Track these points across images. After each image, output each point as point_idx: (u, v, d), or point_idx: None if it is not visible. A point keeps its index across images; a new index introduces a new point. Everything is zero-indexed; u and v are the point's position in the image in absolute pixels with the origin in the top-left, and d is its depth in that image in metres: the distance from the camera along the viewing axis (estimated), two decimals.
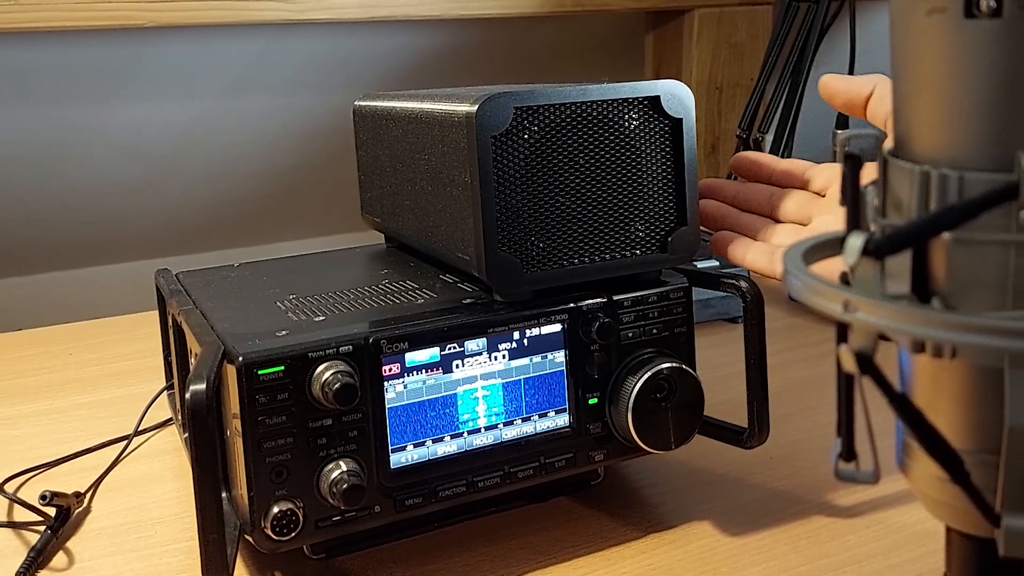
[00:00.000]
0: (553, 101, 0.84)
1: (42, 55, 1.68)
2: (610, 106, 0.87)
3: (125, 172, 1.84)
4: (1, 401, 1.26)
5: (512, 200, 0.84)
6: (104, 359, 1.39)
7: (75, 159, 1.79)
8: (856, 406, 0.45)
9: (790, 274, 0.44)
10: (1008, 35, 0.41)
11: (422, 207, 0.98)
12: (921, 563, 0.87)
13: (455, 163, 0.87)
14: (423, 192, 0.96)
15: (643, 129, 0.88)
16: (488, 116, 0.82)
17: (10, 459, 1.08)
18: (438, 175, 0.92)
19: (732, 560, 0.88)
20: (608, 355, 0.89)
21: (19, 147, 1.74)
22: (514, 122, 0.83)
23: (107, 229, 1.89)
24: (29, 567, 0.88)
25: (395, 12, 1.80)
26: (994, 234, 0.42)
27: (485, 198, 0.83)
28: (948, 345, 0.42)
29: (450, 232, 0.91)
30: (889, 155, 0.46)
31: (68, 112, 1.74)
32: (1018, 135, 0.42)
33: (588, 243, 0.88)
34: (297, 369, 0.78)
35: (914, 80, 0.45)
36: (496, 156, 0.83)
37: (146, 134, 1.82)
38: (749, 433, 0.93)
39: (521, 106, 0.83)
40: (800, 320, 1.42)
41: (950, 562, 0.50)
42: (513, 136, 0.83)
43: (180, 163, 1.88)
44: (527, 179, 0.84)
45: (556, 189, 0.86)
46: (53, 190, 1.80)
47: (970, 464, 0.44)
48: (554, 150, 0.85)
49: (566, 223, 0.87)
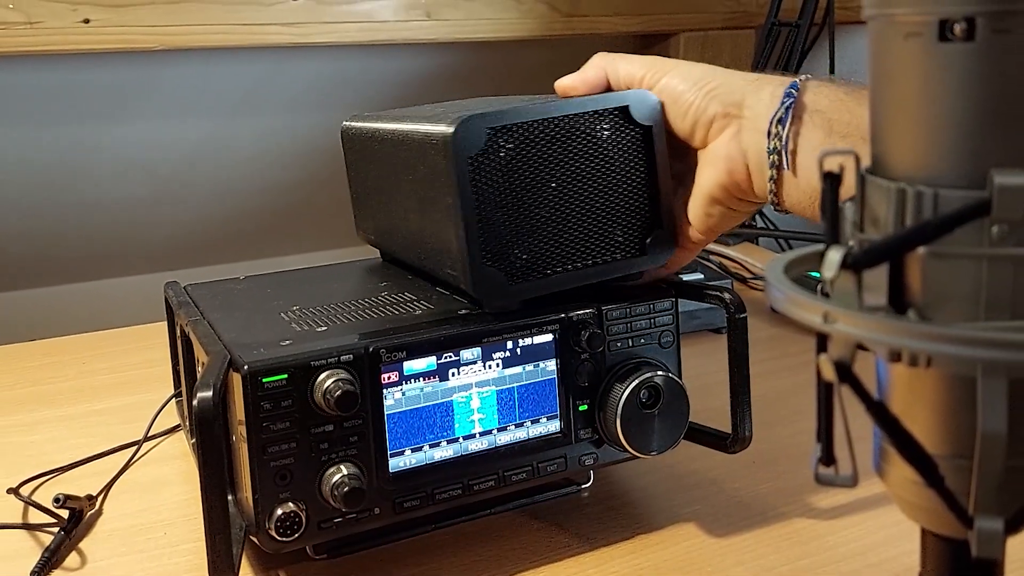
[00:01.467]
0: (525, 119, 0.84)
1: (58, 77, 1.67)
2: (581, 119, 0.87)
3: (136, 189, 1.84)
4: (17, 408, 1.25)
5: (492, 216, 0.84)
6: (115, 368, 1.38)
7: (88, 176, 1.79)
8: (835, 413, 0.45)
9: (772, 287, 0.44)
10: (980, 59, 0.41)
11: (409, 225, 0.97)
12: (897, 563, 0.87)
13: (436, 184, 0.86)
14: (409, 211, 0.96)
15: (615, 138, 0.88)
16: (463, 139, 0.81)
17: (25, 463, 1.08)
18: (421, 195, 0.91)
19: (717, 560, 0.88)
20: (597, 364, 0.89)
21: (35, 164, 1.74)
22: (489, 142, 0.82)
23: (118, 243, 1.89)
24: (43, 567, 0.88)
25: (393, 36, 1.81)
26: (967, 248, 0.42)
27: (466, 217, 0.82)
28: (923, 355, 0.42)
29: (437, 250, 0.90)
30: (867, 173, 0.46)
31: (82, 131, 1.74)
32: (990, 154, 0.42)
33: (569, 251, 0.88)
34: (300, 377, 0.78)
35: (891, 101, 0.45)
36: (473, 176, 0.82)
37: (156, 152, 1.82)
38: (732, 438, 0.93)
39: (495, 126, 0.83)
40: (782, 331, 1.42)
41: (925, 562, 0.50)
42: (489, 155, 0.83)
43: (188, 180, 1.88)
44: (505, 195, 0.84)
45: (534, 202, 0.86)
46: (67, 205, 1.80)
47: (944, 469, 0.44)
48: (529, 165, 0.85)
49: (547, 234, 0.86)
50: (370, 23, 1.78)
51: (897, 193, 0.44)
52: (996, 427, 0.40)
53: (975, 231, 0.41)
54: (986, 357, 0.37)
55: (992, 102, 0.41)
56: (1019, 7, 0.40)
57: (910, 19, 0.43)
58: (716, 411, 0.96)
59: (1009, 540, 0.44)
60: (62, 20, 1.56)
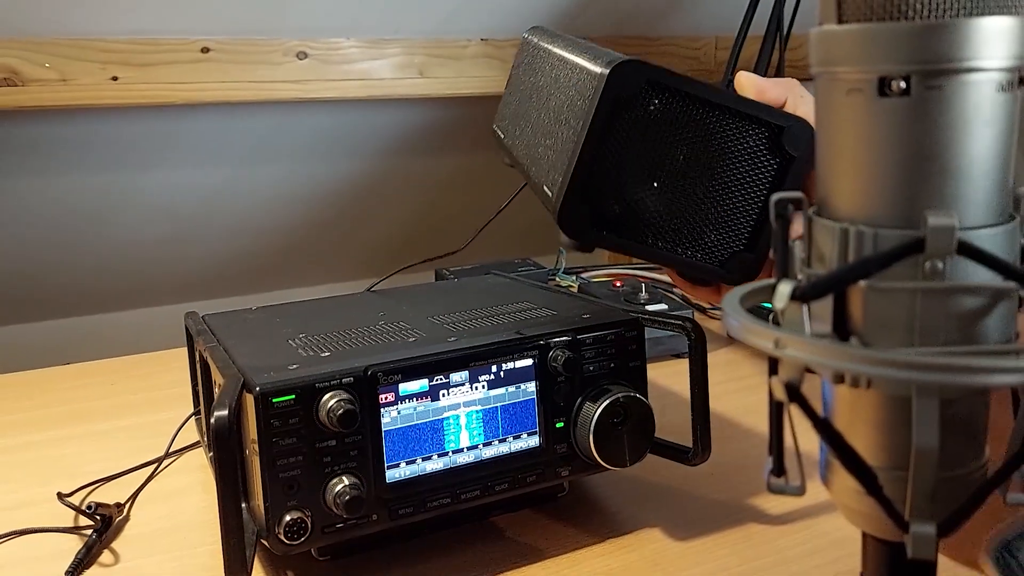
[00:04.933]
0: (684, 88, 0.74)
1: (89, 129, 1.67)
2: (736, 116, 0.76)
3: (159, 229, 1.84)
4: (52, 424, 1.25)
5: (608, 159, 0.74)
6: (141, 389, 1.38)
7: (117, 217, 1.79)
8: (785, 429, 0.45)
9: (729, 316, 0.44)
10: (915, 112, 0.41)
11: (538, 134, 0.90)
12: (841, 564, 0.87)
13: (576, 109, 0.78)
14: (543, 122, 0.89)
15: (756, 151, 0.77)
16: (619, 79, 0.72)
17: (61, 474, 1.08)
18: (559, 113, 0.83)
19: (679, 561, 0.88)
20: (572, 385, 0.89)
21: (70, 206, 1.74)
22: (641, 92, 0.73)
23: (143, 278, 1.89)
24: (78, 566, 0.89)
25: (389, 92, 1.81)
26: (903, 282, 0.42)
27: (585, 148, 0.73)
28: (864, 377, 0.42)
29: (548, 165, 0.82)
30: (813, 214, 0.47)
31: (111, 177, 1.74)
32: (924, 197, 0.42)
33: (658, 228, 0.77)
34: (306, 397, 0.78)
35: (836, 150, 0.45)
36: (611, 114, 0.73)
37: (177, 196, 1.82)
38: (693, 452, 0.93)
39: (654, 80, 0.73)
40: (737, 355, 1.42)
41: (866, 563, 0.50)
42: (634, 104, 0.73)
43: (207, 221, 1.88)
44: (630, 146, 0.74)
45: (653, 167, 0.76)
46: (98, 243, 1.80)
47: (883, 479, 0.44)
48: (667, 132, 0.75)
49: (648, 202, 0.76)
50: (369, 80, 1.79)
51: (840, 232, 0.44)
52: (929, 442, 0.40)
53: (910, 266, 0.42)
54: (920, 379, 0.37)
55: (925, 151, 0.42)
56: (949, 67, 0.41)
57: (852, 76, 0.43)
58: (678, 427, 0.96)
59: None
60: (93, 77, 1.57)
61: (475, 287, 1.17)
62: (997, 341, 0.43)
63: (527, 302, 1.03)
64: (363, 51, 1.78)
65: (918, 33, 0.41)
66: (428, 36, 1.83)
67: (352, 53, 1.77)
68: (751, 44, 1.77)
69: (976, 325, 0.42)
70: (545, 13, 1.90)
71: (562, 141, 0.79)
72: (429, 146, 1.99)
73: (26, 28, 1.51)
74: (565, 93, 0.83)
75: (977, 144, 0.42)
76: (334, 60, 1.75)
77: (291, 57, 1.71)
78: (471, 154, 2.07)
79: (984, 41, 0.40)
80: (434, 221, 2.10)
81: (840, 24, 0.43)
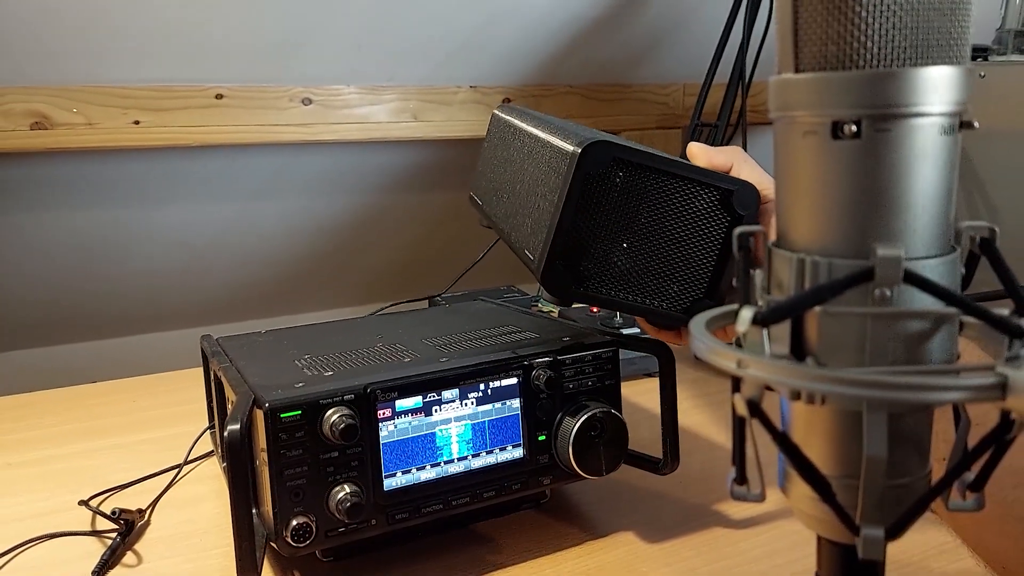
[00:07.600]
0: (646, 163, 0.78)
1: (112, 168, 1.67)
2: (690, 184, 0.80)
3: (175, 259, 1.83)
4: (79, 438, 1.24)
5: (581, 226, 0.78)
6: (160, 405, 1.37)
7: (137, 248, 1.78)
8: (747, 441, 0.45)
9: (695, 339, 0.44)
10: (866, 153, 0.42)
11: (515, 204, 0.92)
12: (799, 564, 0.87)
13: (551, 182, 0.81)
14: (519, 193, 0.91)
15: (709, 213, 0.81)
16: (589, 156, 0.76)
17: (87, 483, 1.07)
18: (536, 186, 0.86)
19: (651, 562, 0.88)
20: (553, 402, 0.89)
21: (93, 239, 1.73)
22: (608, 168, 0.77)
23: (162, 304, 1.88)
24: (103, 567, 0.89)
25: (386, 135, 1.81)
26: (855, 308, 0.42)
27: (562, 219, 0.77)
28: (819, 394, 0.42)
29: (527, 232, 0.85)
30: (773, 246, 0.47)
31: (131, 212, 1.73)
32: (874, 230, 0.42)
33: (628, 282, 0.81)
34: (311, 413, 0.78)
35: (793, 187, 0.45)
36: (583, 189, 0.77)
37: (192, 229, 1.81)
38: (663, 463, 0.93)
39: (619, 157, 0.77)
40: (703, 375, 1.42)
41: (820, 564, 0.50)
42: (603, 178, 0.77)
43: (219, 252, 1.87)
44: (600, 214, 0.78)
45: (620, 230, 0.79)
46: (120, 272, 1.79)
47: (836, 486, 0.44)
48: (631, 200, 0.79)
49: (618, 260, 0.80)
50: (367, 124, 1.79)
51: (797, 262, 0.44)
52: (878, 452, 0.40)
53: (861, 293, 0.42)
54: (869, 396, 0.37)
55: (875, 188, 0.42)
56: (897, 112, 0.41)
57: (808, 120, 0.43)
58: (650, 440, 0.96)
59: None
60: (116, 122, 1.57)
61: (465, 312, 1.17)
62: (940, 361, 0.43)
63: (512, 326, 1.03)
64: (362, 97, 1.78)
65: (868, 81, 0.41)
66: (421, 83, 1.84)
67: (352, 99, 1.77)
68: (716, 91, 1.78)
69: (921, 347, 0.43)
70: (529, 64, 1.91)
71: (539, 211, 0.83)
72: (422, 184, 1.99)
73: (56, 77, 1.51)
74: (539, 168, 0.86)
75: (922, 182, 0.42)
76: (335, 105, 1.75)
77: (296, 103, 1.71)
78: (460, 191, 2.07)
79: (928, 88, 0.41)
80: (427, 251, 2.10)
81: (797, 73, 0.44)
